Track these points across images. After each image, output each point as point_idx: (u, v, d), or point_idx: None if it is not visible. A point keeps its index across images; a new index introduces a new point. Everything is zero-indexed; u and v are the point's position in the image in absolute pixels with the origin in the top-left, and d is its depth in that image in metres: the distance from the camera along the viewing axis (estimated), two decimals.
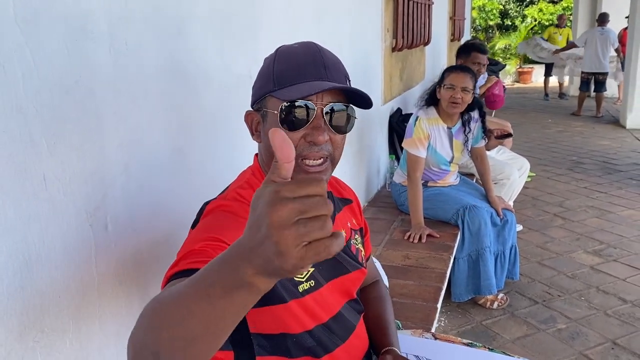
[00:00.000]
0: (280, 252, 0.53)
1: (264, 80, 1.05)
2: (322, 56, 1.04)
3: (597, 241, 3.87)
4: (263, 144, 1.09)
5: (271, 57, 1.07)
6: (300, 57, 1.03)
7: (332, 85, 0.98)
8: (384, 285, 1.45)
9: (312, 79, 1.00)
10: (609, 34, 8.75)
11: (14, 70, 0.91)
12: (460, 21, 7.64)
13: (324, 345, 1.13)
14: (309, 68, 1.01)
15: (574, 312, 2.91)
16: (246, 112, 1.11)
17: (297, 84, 1.00)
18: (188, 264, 0.83)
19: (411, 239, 2.73)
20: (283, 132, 0.58)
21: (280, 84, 1.01)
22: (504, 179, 3.60)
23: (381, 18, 3.57)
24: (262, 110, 1.06)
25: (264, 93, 1.04)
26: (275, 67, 1.04)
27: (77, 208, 1.08)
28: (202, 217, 1.04)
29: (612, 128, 8.00)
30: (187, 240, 0.98)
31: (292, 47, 1.07)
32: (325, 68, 1.02)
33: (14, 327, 0.94)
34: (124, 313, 1.24)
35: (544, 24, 14.95)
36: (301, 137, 1.00)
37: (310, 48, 1.05)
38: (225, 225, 0.96)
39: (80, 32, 1.06)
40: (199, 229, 0.99)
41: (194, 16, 1.45)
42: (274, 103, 1.01)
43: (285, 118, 0.99)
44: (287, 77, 1.01)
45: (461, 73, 2.83)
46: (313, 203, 0.53)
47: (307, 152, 1.01)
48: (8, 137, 0.90)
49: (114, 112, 1.17)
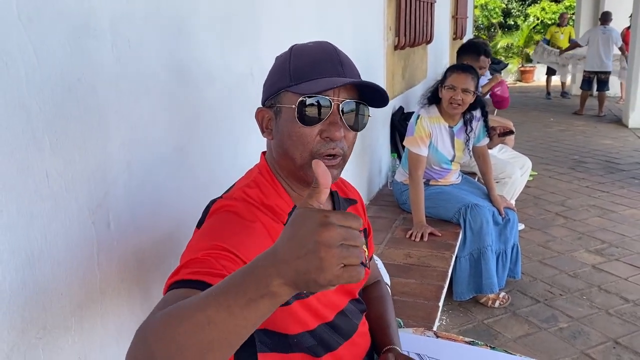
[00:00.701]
0: (322, 268, 0.60)
1: (279, 76, 1.04)
2: (338, 54, 1.05)
3: (599, 240, 3.87)
4: (276, 141, 1.07)
5: (286, 54, 1.07)
6: (316, 54, 1.03)
7: (351, 80, 0.98)
8: (385, 285, 1.45)
9: (329, 75, 1.00)
10: (611, 32, 8.74)
11: (17, 67, 0.91)
12: (462, 20, 7.63)
13: (325, 344, 1.13)
14: (325, 64, 1.02)
15: (576, 311, 2.91)
16: (258, 109, 1.10)
17: (315, 79, 1.00)
18: (189, 274, 0.82)
19: (413, 237, 2.73)
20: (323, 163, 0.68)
21: (297, 79, 1.01)
22: (506, 177, 3.60)
23: (383, 16, 3.57)
24: (275, 106, 1.05)
25: (278, 89, 1.03)
26: (292, 63, 1.03)
27: (80, 205, 1.08)
28: (207, 217, 1.03)
29: (615, 127, 7.99)
30: (191, 243, 0.97)
31: (307, 45, 1.07)
32: (342, 65, 1.03)
33: (16, 323, 0.94)
34: (125, 311, 1.24)
35: (547, 22, 14.92)
36: (317, 134, 1.00)
37: (326, 46, 1.06)
38: (230, 230, 0.96)
39: (83, 29, 1.06)
40: (203, 232, 0.99)
41: (195, 14, 1.45)
42: (290, 98, 1.01)
43: (302, 113, 0.99)
44: (304, 73, 1.01)
45: (462, 74, 2.82)
46: (354, 234, 0.62)
47: (324, 149, 1.01)
48: (11, 134, 0.90)
49: (116, 110, 1.17)
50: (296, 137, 1.01)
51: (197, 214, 1.20)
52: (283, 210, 1.06)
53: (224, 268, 0.84)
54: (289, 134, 1.02)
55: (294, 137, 1.01)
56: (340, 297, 1.17)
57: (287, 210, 1.07)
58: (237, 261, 0.88)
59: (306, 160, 1.02)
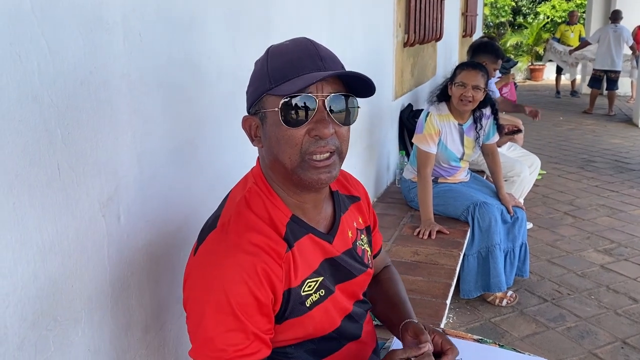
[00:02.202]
0: None
1: (259, 81, 1.01)
2: (316, 48, 1.00)
3: (607, 240, 3.85)
4: (265, 148, 1.04)
5: (263, 57, 1.04)
6: (294, 52, 0.99)
7: (331, 73, 0.95)
8: (394, 269, 1.44)
9: (309, 71, 0.96)
10: (622, 31, 8.67)
11: (30, 60, 0.91)
12: (472, 17, 7.60)
13: (327, 348, 1.14)
14: (304, 61, 0.97)
15: (584, 311, 2.89)
16: (243, 117, 1.06)
17: (295, 77, 0.96)
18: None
19: (421, 235, 2.72)
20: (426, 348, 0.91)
21: (277, 81, 0.97)
22: (515, 176, 3.59)
23: (393, 13, 3.56)
24: (260, 112, 1.01)
25: (260, 94, 1.00)
26: (269, 64, 1.00)
27: (91, 199, 1.08)
28: (200, 248, 1.01)
29: (625, 126, 7.93)
30: (194, 298, 0.97)
31: (283, 44, 1.03)
32: (322, 59, 0.99)
33: (27, 315, 0.95)
34: (134, 304, 1.25)
35: (557, 21, 14.82)
36: (305, 133, 0.97)
37: (302, 42, 1.01)
38: (228, 290, 0.93)
39: (95, 23, 1.06)
40: (203, 292, 0.95)
41: (206, 9, 1.46)
42: (273, 101, 0.97)
43: (286, 115, 0.95)
44: (283, 73, 0.97)
45: (473, 71, 2.81)
46: None
47: (314, 147, 0.97)
48: (24, 126, 0.91)
49: (127, 103, 1.17)
50: (284, 140, 0.97)
51: (206, 208, 1.21)
52: (280, 222, 1.03)
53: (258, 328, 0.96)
54: (277, 138, 0.98)
55: (282, 141, 0.98)
56: (345, 300, 1.17)
57: (284, 221, 1.04)
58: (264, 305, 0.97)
59: (297, 162, 0.98)
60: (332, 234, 1.12)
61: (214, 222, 1.04)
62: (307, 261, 1.06)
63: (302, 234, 1.06)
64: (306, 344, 1.10)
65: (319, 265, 1.08)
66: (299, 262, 1.03)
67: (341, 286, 1.14)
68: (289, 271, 1.01)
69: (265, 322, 0.98)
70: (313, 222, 1.10)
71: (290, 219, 1.05)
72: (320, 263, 1.09)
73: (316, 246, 1.08)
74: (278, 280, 0.99)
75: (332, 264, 1.11)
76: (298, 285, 1.03)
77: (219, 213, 1.06)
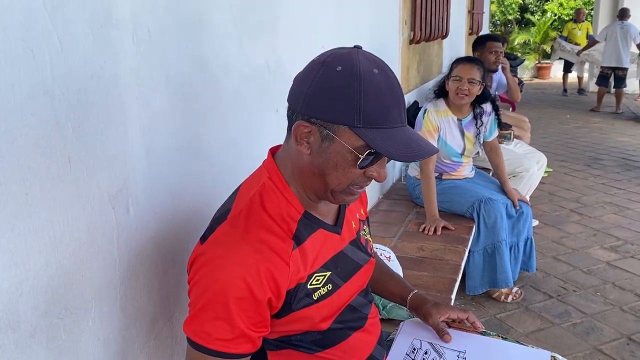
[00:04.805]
0: None
1: (343, 109, 0.94)
2: (400, 91, 0.99)
3: (614, 237, 3.84)
4: (312, 159, 1.01)
5: (350, 81, 0.94)
6: (386, 95, 0.96)
7: (421, 155, 0.97)
8: (380, 257, 1.54)
9: (394, 123, 0.97)
10: (629, 28, 8.62)
11: (42, 54, 0.93)
12: (478, 15, 7.58)
13: (333, 337, 1.16)
14: (393, 111, 0.97)
15: (589, 307, 2.90)
16: (299, 123, 0.99)
17: (383, 128, 0.96)
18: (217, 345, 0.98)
19: (426, 231, 2.73)
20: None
21: (366, 124, 0.94)
22: (523, 171, 3.59)
23: (399, 10, 3.56)
24: (325, 131, 0.97)
25: (341, 122, 0.95)
26: (363, 100, 0.93)
27: (101, 191, 1.10)
28: (208, 238, 1.04)
29: (632, 124, 7.89)
30: (196, 280, 1.01)
31: (374, 74, 0.96)
32: (402, 109, 1.00)
33: (39, 303, 0.97)
34: (143, 295, 1.27)
35: (564, 18, 14.75)
36: (363, 172, 1.01)
37: (392, 81, 0.98)
38: (227, 281, 0.97)
39: (105, 19, 1.08)
40: (204, 278, 0.99)
41: (214, 6, 1.47)
42: (351, 137, 0.95)
43: (362, 160, 0.97)
44: (374, 118, 0.95)
45: (468, 64, 2.83)
46: None
47: (363, 182, 1.03)
48: (36, 119, 0.93)
49: (137, 97, 1.19)
50: (342, 171, 0.99)
51: (214, 201, 1.23)
52: (292, 219, 1.06)
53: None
54: (336, 165, 0.99)
55: (340, 170, 0.99)
56: (354, 293, 1.20)
57: (296, 217, 1.06)
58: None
59: (342, 189, 1.02)
60: (340, 225, 1.16)
61: (225, 214, 1.06)
62: (317, 256, 1.09)
63: (314, 230, 1.09)
64: (312, 334, 1.13)
65: (328, 260, 1.11)
66: (308, 257, 1.06)
67: (351, 281, 1.17)
68: (297, 268, 1.04)
69: (258, 319, 1.00)
70: (322, 216, 1.13)
71: (302, 215, 1.08)
72: (330, 258, 1.12)
73: (326, 240, 1.12)
74: (283, 279, 1.01)
75: (341, 258, 1.14)
76: (305, 279, 1.06)
77: (230, 206, 1.08)
